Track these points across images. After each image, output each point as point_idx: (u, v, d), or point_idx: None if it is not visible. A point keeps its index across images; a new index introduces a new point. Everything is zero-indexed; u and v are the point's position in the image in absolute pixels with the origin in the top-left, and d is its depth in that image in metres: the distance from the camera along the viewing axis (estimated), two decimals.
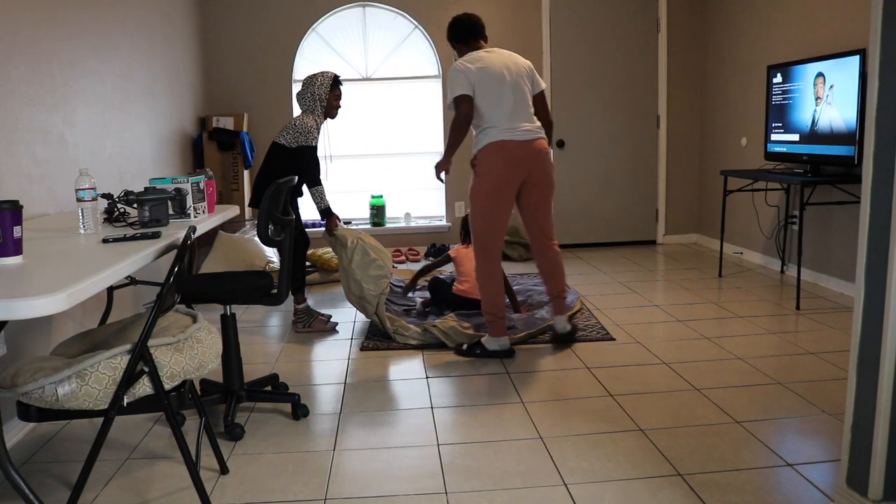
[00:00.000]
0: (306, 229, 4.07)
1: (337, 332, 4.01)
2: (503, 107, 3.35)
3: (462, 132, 3.36)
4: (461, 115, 3.34)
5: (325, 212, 3.88)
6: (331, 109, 3.94)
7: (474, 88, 3.36)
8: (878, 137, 1.80)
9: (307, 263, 5.36)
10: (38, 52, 3.09)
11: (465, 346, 3.56)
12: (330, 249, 5.44)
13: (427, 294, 4.62)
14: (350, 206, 6.36)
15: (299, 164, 3.82)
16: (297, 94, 3.91)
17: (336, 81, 3.90)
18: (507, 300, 4.17)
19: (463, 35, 3.57)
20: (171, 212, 2.51)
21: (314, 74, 3.89)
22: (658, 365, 3.30)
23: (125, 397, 1.88)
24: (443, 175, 3.53)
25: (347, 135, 6.31)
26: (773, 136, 4.80)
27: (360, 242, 3.82)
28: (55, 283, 1.51)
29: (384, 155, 6.36)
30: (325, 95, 3.86)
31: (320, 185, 3.84)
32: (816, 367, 3.20)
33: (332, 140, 6.28)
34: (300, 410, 2.82)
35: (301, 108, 3.91)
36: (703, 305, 4.30)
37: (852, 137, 4.02)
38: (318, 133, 3.88)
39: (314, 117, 3.85)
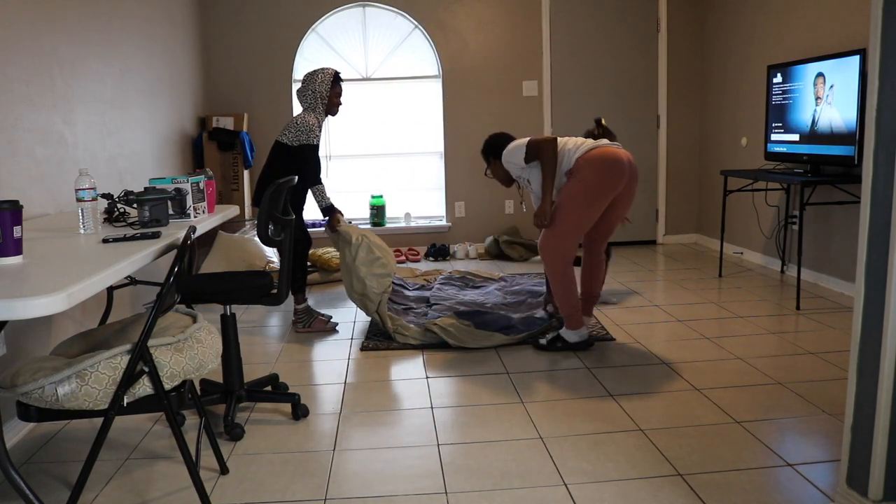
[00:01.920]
0: (308, 229, 4.07)
1: (337, 332, 4.01)
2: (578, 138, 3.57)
3: (554, 163, 3.38)
4: (544, 143, 3.37)
5: (328, 209, 3.89)
6: (332, 107, 3.93)
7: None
8: (878, 137, 1.80)
9: (307, 263, 5.36)
10: (38, 52, 3.09)
11: (544, 342, 3.58)
12: (330, 249, 5.44)
13: (425, 293, 4.61)
14: (350, 206, 6.36)
15: (300, 162, 3.82)
16: (298, 91, 3.90)
17: (337, 78, 3.90)
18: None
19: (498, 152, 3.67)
20: (171, 212, 2.51)
21: (315, 71, 3.88)
22: (658, 365, 3.30)
23: (125, 397, 1.88)
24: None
25: (347, 135, 6.31)
26: (773, 136, 4.80)
27: (365, 240, 3.82)
28: (55, 283, 1.51)
29: (384, 155, 6.36)
30: (327, 93, 3.85)
31: (321, 183, 3.85)
32: (816, 367, 3.20)
33: (332, 140, 6.29)
34: (300, 410, 2.82)
35: (302, 106, 3.90)
36: (703, 305, 4.30)
37: (852, 137, 4.02)
38: (320, 131, 3.88)
39: (315, 115, 3.85)
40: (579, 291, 3.72)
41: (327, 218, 3.93)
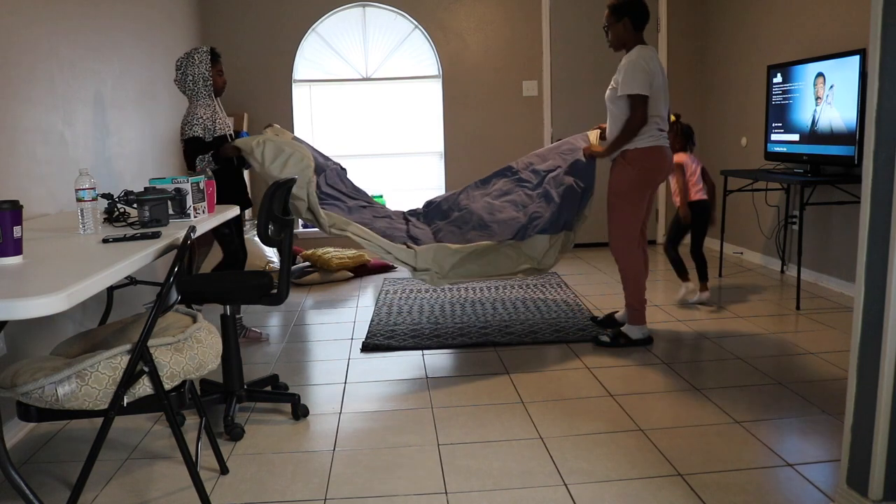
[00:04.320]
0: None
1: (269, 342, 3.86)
2: (664, 112, 3.51)
3: (635, 135, 3.44)
4: (640, 118, 3.41)
5: (217, 158, 3.56)
6: (217, 87, 3.63)
7: (651, 88, 3.43)
8: (878, 137, 1.80)
9: (307, 263, 5.36)
10: (39, 53, 3.09)
11: (606, 339, 3.59)
12: (330, 249, 5.44)
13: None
14: None
15: (188, 158, 3.53)
16: (176, 80, 3.57)
17: (214, 54, 3.59)
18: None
19: (641, 21, 3.58)
20: (171, 212, 2.51)
21: (188, 53, 3.55)
22: (658, 365, 3.30)
23: (125, 397, 1.88)
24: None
25: (347, 135, 6.31)
26: (773, 136, 4.80)
27: (268, 143, 3.39)
28: (55, 283, 1.51)
29: (384, 155, 6.36)
30: (209, 73, 3.54)
31: (199, 162, 3.52)
32: (816, 367, 3.20)
33: (331, 140, 6.29)
34: (300, 410, 2.82)
35: (187, 97, 3.60)
36: (704, 305, 4.29)
37: (852, 137, 4.02)
38: (218, 116, 3.59)
39: (201, 103, 3.55)
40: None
41: (219, 163, 3.59)
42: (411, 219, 3.95)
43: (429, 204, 4.05)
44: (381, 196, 6.29)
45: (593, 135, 3.90)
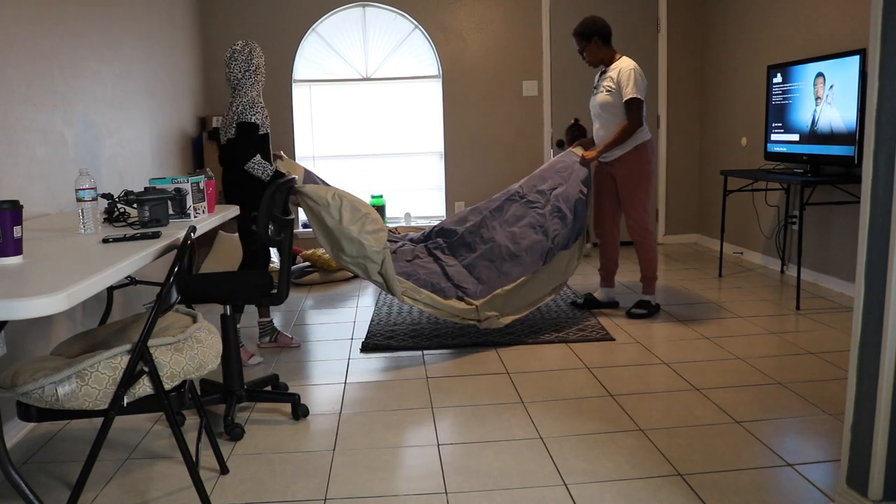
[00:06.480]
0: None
1: (299, 346, 3.79)
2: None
3: (631, 135, 3.86)
4: (640, 119, 3.83)
5: (278, 176, 3.40)
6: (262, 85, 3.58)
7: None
8: (878, 137, 1.80)
9: (307, 263, 5.36)
10: (38, 52, 3.09)
11: (642, 311, 4.03)
12: None
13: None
14: None
15: (236, 140, 3.38)
16: (237, 63, 3.43)
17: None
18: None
19: (607, 35, 4.04)
20: (171, 212, 2.51)
21: (247, 43, 3.47)
22: (658, 365, 3.30)
23: (125, 397, 1.88)
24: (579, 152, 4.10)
25: (347, 135, 6.31)
26: (773, 136, 4.80)
27: (345, 199, 3.40)
28: (55, 283, 1.51)
29: (384, 155, 6.36)
30: (264, 68, 3.53)
31: (255, 155, 3.37)
32: (816, 367, 3.20)
33: (331, 140, 6.29)
34: (300, 410, 2.82)
35: (241, 81, 3.44)
36: (703, 305, 4.30)
37: (852, 137, 4.02)
38: (265, 111, 3.46)
39: (257, 93, 3.47)
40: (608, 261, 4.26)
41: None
42: (437, 254, 3.96)
43: (448, 234, 4.05)
44: (380, 196, 6.30)
45: (578, 150, 4.15)
